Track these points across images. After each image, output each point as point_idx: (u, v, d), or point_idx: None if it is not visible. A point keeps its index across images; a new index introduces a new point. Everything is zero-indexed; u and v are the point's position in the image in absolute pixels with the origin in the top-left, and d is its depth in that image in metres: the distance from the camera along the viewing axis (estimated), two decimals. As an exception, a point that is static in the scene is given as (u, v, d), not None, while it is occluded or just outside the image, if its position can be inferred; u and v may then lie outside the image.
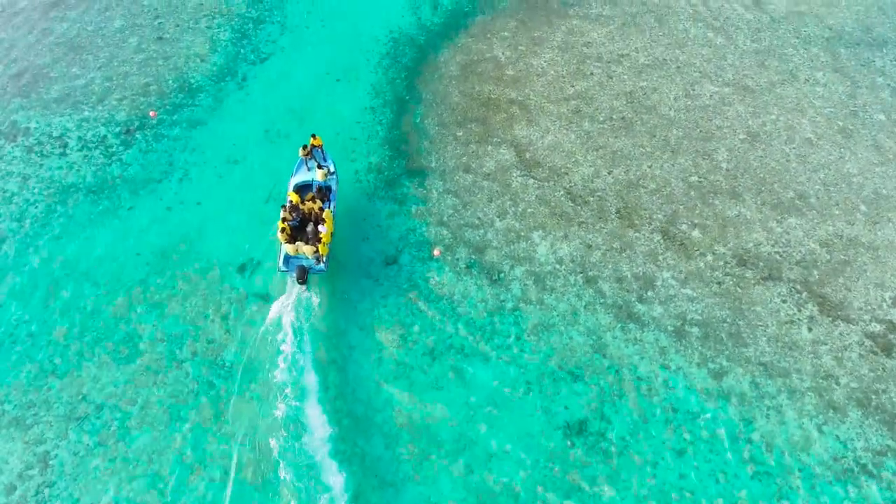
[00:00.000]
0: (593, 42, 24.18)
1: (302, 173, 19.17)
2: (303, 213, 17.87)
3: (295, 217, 17.72)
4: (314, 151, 19.08)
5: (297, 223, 17.81)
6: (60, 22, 25.30)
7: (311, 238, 17.24)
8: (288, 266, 17.25)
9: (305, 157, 18.99)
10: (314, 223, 17.57)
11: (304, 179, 18.95)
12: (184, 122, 22.03)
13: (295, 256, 17.30)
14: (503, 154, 20.58)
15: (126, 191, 20.26)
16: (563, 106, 21.92)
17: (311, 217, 17.86)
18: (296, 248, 17.13)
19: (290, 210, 17.65)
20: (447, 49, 24.38)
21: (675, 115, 21.64)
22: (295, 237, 17.50)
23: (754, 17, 25.38)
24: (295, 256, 17.30)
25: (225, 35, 24.89)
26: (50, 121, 21.91)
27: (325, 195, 18.48)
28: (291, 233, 17.46)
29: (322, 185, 18.61)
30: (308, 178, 18.95)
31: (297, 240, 17.38)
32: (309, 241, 17.18)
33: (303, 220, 17.88)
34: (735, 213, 19.07)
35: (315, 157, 19.15)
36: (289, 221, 17.55)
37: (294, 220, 17.73)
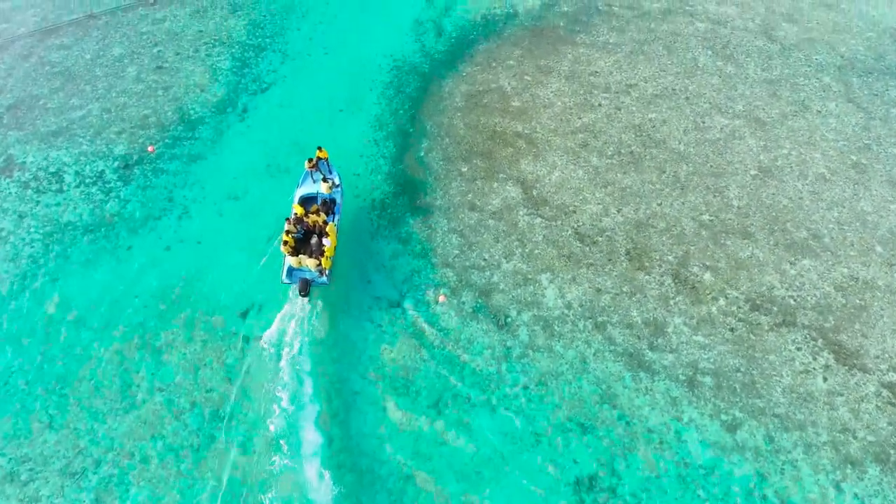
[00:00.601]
0: (601, 71, 23.95)
1: (307, 185, 19.38)
2: (307, 226, 18.13)
3: (299, 229, 18.02)
4: (319, 164, 19.35)
5: (302, 235, 18.12)
6: (58, 50, 25.12)
7: (315, 251, 17.62)
8: (291, 278, 17.55)
9: (311, 170, 19.19)
10: (318, 236, 17.93)
11: (310, 192, 19.17)
12: (183, 156, 21.80)
13: (298, 269, 17.57)
14: (509, 191, 20.33)
15: (124, 229, 20.03)
16: (570, 139, 21.67)
17: (315, 229, 18.12)
18: (299, 260, 17.38)
19: (294, 222, 17.90)
20: (451, 78, 24.15)
21: (685, 149, 21.39)
22: (298, 249, 17.74)
23: (764, 44, 25.13)
24: (298, 269, 17.57)
25: (225, 63, 24.69)
26: (46, 155, 21.69)
27: (329, 207, 18.71)
28: (295, 245, 17.68)
29: (327, 197, 18.88)
30: (313, 191, 19.19)
31: (301, 252, 17.62)
32: (312, 253, 17.53)
33: (307, 233, 18.21)
34: (747, 254, 18.80)
35: (320, 169, 19.40)
36: (293, 234, 17.81)
37: (298, 232, 18.03)
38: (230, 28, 26.05)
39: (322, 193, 18.95)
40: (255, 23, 26.36)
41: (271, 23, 26.46)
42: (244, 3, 27.17)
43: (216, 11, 26.73)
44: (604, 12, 26.55)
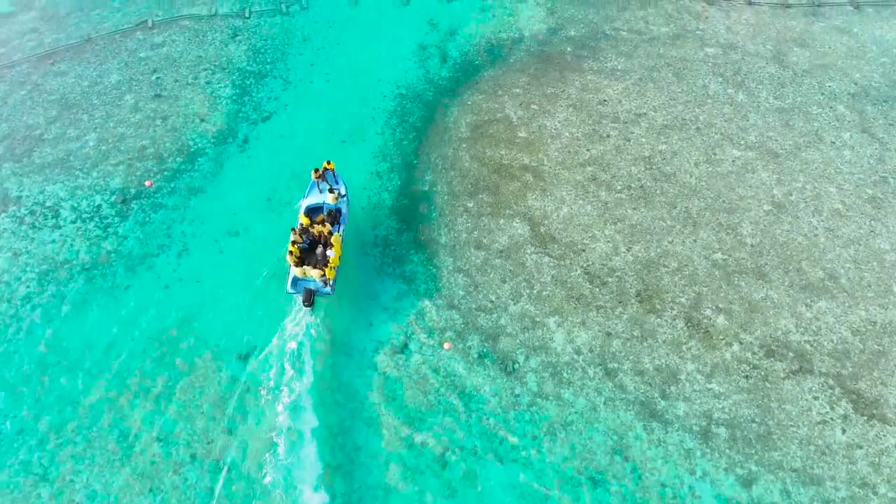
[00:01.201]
0: (609, 99, 23.60)
1: (314, 196, 19.67)
2: (312, 236, 18.40)
3: (305, 239, 18.31)
4: (326, 174, 19.56)
5: (307, 245, 18.40)
6: (55, 77, 24.83)
7: (319, 261, 17.94)
8: (295, 288, 17.91)
9: (317, 180, 19.50)
10: (323, 246, 18.26)
11: (316, 202, 19.47)
12: (182, 190, 21.48)
13: (303, 279, 17.94)
14: (516, 228, 19.99)
15: (122, 267, 19.71)
16: (578, 173, 21.33)
17: (321, 240, 18.43)
18: (303, 270, 17.76)
19: (300, 232, 18.19)
20: (456, 107, 23.82)
21: (696, 183, 21.03)
22: (303, 260, 18.03)
23: (776, 71, 24.77)
24: (303, 279, 17.94)
25: (225, 91, 24.37)
26: (42, 188, 21.39)
27: (335, 218, 18.95)
28: (301, 255, 17.97)
29: (332, 207, 19.08)
30: (319, 201, 19.46)
31: (306, 262, 17.96)
32: (317, 264, 17.81)
33: (312, 243, 18.49)
34: (762, 295, 18.43)
35: (327, 179, 19.61)
36: (298, 244, 18.07)
37: (304, 242, 18.30)
38: (230, 53, 25.74)
39: (328, 204, 19.19)
40: (256, 48, 26.06)
41: (272, 48, 26.15)
42: (244, 27, 26.87)
43: (216, 36, 26.43)
44: (611, 37, 26.21)
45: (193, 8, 27.66)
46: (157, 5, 27.83)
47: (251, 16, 27.43)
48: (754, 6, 27.58)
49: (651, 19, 27.02)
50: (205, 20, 27.10)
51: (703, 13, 27.28)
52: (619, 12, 27.33)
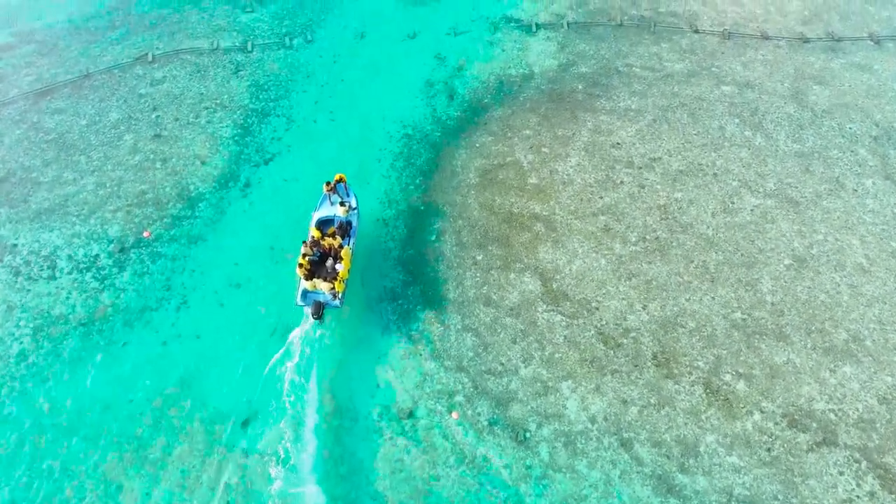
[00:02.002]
0: (622, 142, 23.09)
1: (325, 208, 19.96)
2: (323, 248, 18.65)
3: (315, 251, 18.58)
4: (337, 187, 19.76)
5: (318, 258, 18.66)
6: (52, 115, 24.43)
7: (329, 274, 18.09)
8: (305, 300, 18.21)
9: (329, 193, 19.68)
10: (333, 259, 18.42)
11: (327, 215, 19.77)
12: (182, 238, 21.04)
13: (312, 292, 18.24)
14: (527, 283, 19.48)
15: (119, 322, 19.26)
16: (591, 223, 20.82)
17: (331, 252, 18.64)
18: (313, 283, 18.06)
19: (310, 245, 18.46)
20: (465, 149, 23.34)
21: (714, 234, 20.50)
22: (313, 272, 18.21)
23: (795, 111, 24.24)
24: (312, 292, 18.24)
25: (227, 131, 23.94)
26: (38, 236, 20.96)
27: (345, 230, 19.24)
28: (311, 268, 18.18)
29: (343, 220, 19.38)
30: (330, 214, 19.75)
31: (316, 275, 18.13)
32: (327, 276, 18.00)
33: (322, 255, 18.72)
34: (783, 359, 17.88)
35: (338, 192, 19.82)
36: (309, 256, 18.30)
37: (315, 254, 18.56)
38: (232, 90, 25.31)
39: (339, 216, 19.46)
40: (259, 84, 25.63)
41: (275, 84, 25.71)
42: (247, 62, 26.45)
43: (217, 71, 26.01)
44: (624, 73, 25.71)
45: (195, 41, 27.25)
46: (158, 38, 27.44)
47: (254, 50, 27.01)
48: (771, 41, 27.07)
49: (665, 55, 26.52)
50: (206, 54, 26.69)
51: (719, 49, 26.77)
52: (632, 47, 26.84)
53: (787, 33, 27.44)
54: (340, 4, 29.48)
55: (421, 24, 28.38)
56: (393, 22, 28.57)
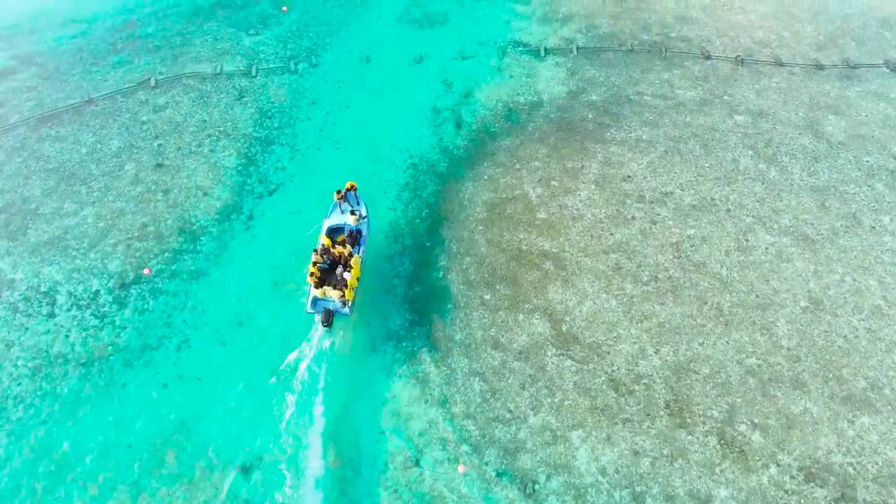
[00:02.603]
0: (634, 175, 22.75)
1: (335, 216, 20.46)
2: (333, 256, 19.03)
3: (326, 259, 18.99)
4: (348, 195, 20.23)
5: (328, 265, 19.03)
6: (53, 142, 24.21)
7: (339, 282, 18.52)
8: (315, 308, 18.60)
9: (339, 201, 20.18)
10: (343, 267, 18.84)
11: (337, 223, 20.26)
12: (184, 274, 20.77)
13: (322, 299, 18.63)
14: (536, 325, 19.13)
15: (119, 362, 18.99)
16: (601, 261, 20.47)
17: (341, 260, 19.01)
18: (323, 291, 18.44)
19: (321, 252, 18.83)
20: (472, 181, 23.03)
21: (728, 274, 20.13)
22: (324, 280, 18.61)
23: (810, 142, 23.86)
24: (322, 299, 18.63)
25: (230, 161, 23.67)
26: (38, 270, 20.72)
27: (355, 239, 19.68)
28: (321, 275, 18.56)
29: (353, 228, 19.84)
30: (340, 222, 20.22)
31: (326, 283, 18.56)
32: (336, 284, 18.42)
33: (333, 263, 19.11)
34: (800, 408, 17.49)
35: (349, 200, 20.29)
36: (319, 264, 18.66)
37: (325, 262, 18.93)
38: (236, 117, 25.05)
39: (349, 225, 19.93)
40: (262, 111, 25.38)
41: (279, 111, 25.47)
42: (251, 87, 26.21)
43: (221, 97, 25.77)
44: (635, 102, 25.37)
45: (198, 65, 27.03)
46: (161, 61, 27.23)
47: (258, 74, 26.77)
48: (786, 68, 26.72)
49: (676, 82, 26.17)
50: (210, 79, 26.46)
51: (732, 75, 26.42)
52: (643, 74, 26.50)
53: (801, 59, 27.07)
54: (346, 27, 29.24)
55: (427, 48, 28.12)
56: (399, 45, 28.32)
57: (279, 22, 29.27)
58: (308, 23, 29.27)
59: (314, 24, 29.27)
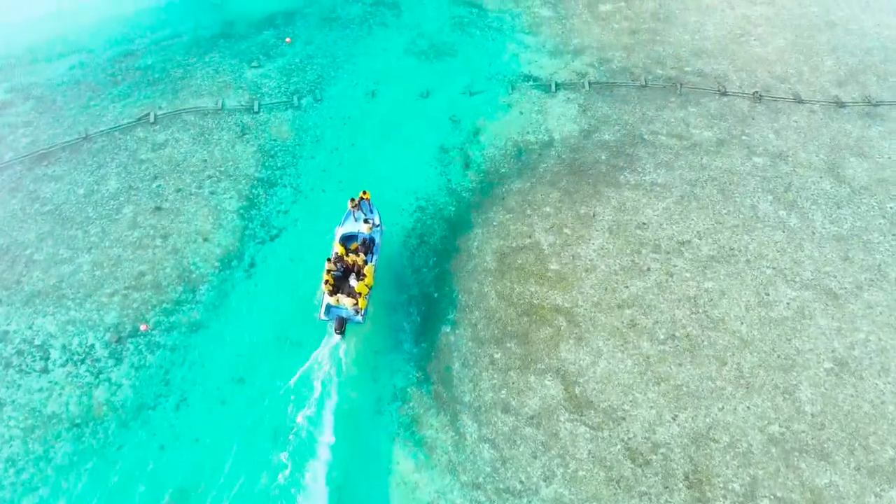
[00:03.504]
0: (649, 223, 22.16)
1: (349, 224, 20.88)
2: (346, 265, 19.59)
3: (339, 267, 19.51)
4: (361, 203, 20.70)
5: (341, 273, 19.60)
6: (48, 182, 23.73)
7: (352, 290, 19.09)
8: (328, 315, 19.16)
9: (353, 209, 20.64)
10: (356, 275, 19.37)
11: (351, 231, 20.71)
12: (182, 326, 20.25)
13: (336, 307, 19.11)
14: (549, 388, 18.55)
15: (115, 422, 18.45)
16: (616, 316, 19.88)
17: (354, 268, 19.58)
18: (336, 299, 18.91)
19: (334, 261, 19.38)
20: (481, 227, 22.47)
21: (748, 331, 19.52)
22: (338, 287, 19.19)
23: (831, 187, 23.25)
24: (336, 307, 19.11)
25: (231, 204, 23.16)
26: (32, 322, 20.21)
27: (368, 247, 20.23)
28: (335, 283, 19.12)
29: (367, 237, 20.40)
30: (354, 230, 20.70)
31: (339, 290, 19.15)
32: (350, 292, 19.03)
33: (346, 271, 19.68)
34: (825, 481, 16.87)
35: (362, 208, 20.75)
36: (332, 272, 19.16)
37: (338, 269, 19.44)
38: (237, 156, 24.55)
39: (362, 233, 20.47)
40: (265, 149, 24.88)
41: (282, 149, 24.96)
42: (253, 124, 25.71)
43: (222, 134, 25.27)
44: (649, 142, 24.79)
45: (199, 100, 26.54)
46: (161, 96, 26.76)
47: (260, 110, 26.27)
48: (805, 105, 26.13)
49: (692, 121, 25.60)
50: (211, 115, 25.98)
51: (750, 114, 25.83)
52: (658, 112, 25.93)
53: (821, 96, 26.48)
54: (351, 58, 28.75)
55: (434, 82, 27.61)
56: (405, 79, 27.81)
57: (282, 53, 28.79)
58: (312, 54, 28.78)
59: (318, 55, 28.78)
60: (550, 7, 30.84)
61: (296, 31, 30.13)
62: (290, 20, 30.57)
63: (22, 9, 30.31)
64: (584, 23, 30.08)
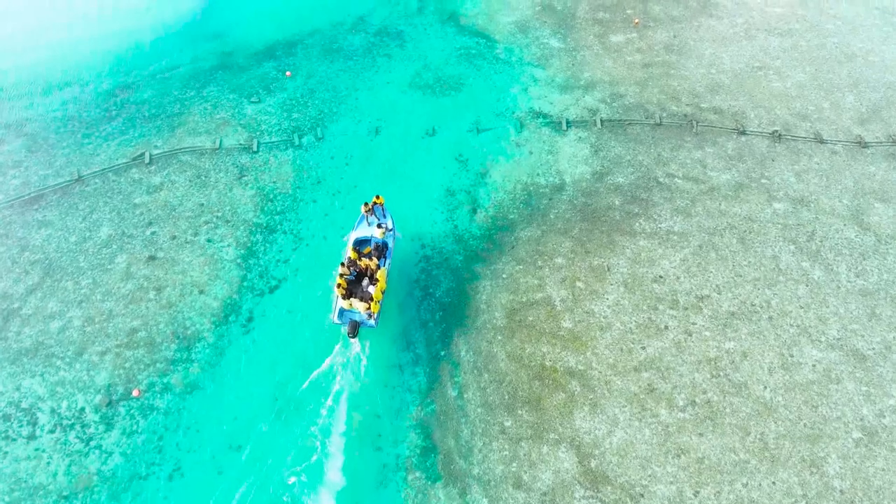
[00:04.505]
0: (666, 276, 21.34)
1: (362, 229, 21.19)
2: (359, 268, 19.86)
3: (352, 271, 19.80)
4: (375, 208, 20.92)
5: (354, 277, 19.85)
6: (39, 228, 22.98)
7: (365, 294, 19.39)
8: (342, 319, 19.42)
9: (366, 214, 20.94)
10: (369, 279, 19.72)
11: (364, 235, 21.01)
12: (176, 388, 19.47)
13: (349, 311, 19.44)
14: (562, 460, 17.73)
15: (105, 494, 17.69)
16: (632, 380, 19.05)
17: (367, 272, 19.88)
18: (350, 303, 19.21)
19: (348, 265, 19.67)
20: (489, 280, 21.66)
21: (772, 397, 18.68)
22: (351, 291, 19.44)
23: (856, 235, 22.41)
24: (349, 311, 19.44)
25: (229, 252, 22.38)
26: (19, 383, 19.45)
27: (381, 252, 20.54)
28: (348, 287, 19.34)
29: (380, 242, 20.70)
30: (367, 234, 20.98)
31: (352, 294, 19.39)
32: (363, 296, 19.26)
33: (359, 275, 19.92)
34: (857, 567, 16.01)
35: (375, 213, 21.01)
36: (346, 276, 19.41)
37: (351, 273, 19.74)
38: (235, 200, 23.78)
39: (375, 238, 20.76)
40: (264, 192, 24.11)
41: (282, 193, 24.19)
42: (252, 164, 24.96)
43: (220, 176, 24.52)
44: (665, 186, 23.98)
45: (196, 138, 25.80)
46: (157, 133, 26.03)
47: (259, 149, 25.52)
48: (827, 145, 25.31)
49: (709, 162, 24.78)
50: (208, 155, 25.22)
51: (769, 154, 25.01)
52: (673, 152, 25.13)
53: (843, 135, 25.67)
54: (353, 92, 28.02)
55: (440, 119, 26.85)
56: (410, 115, 27.05)
57: (283, 87, 28.05)
58: (314, 88, 28.03)
59: (320, 89, 28.02)
60: (560, 38, 30.05)
61: (297, 62, 29.39)
62: (291, 51, 29.84)
63: (15, 40, 29.61)
64: (595, 55, 29.29)
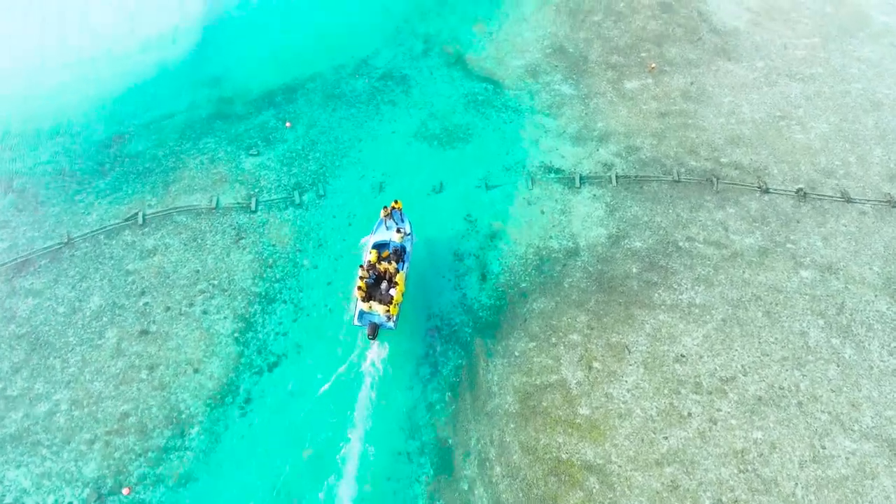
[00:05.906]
0: (688, 354, 20.35)
1: (381, 233, 21.83)
2: (378, 272, 20.37)
3: (371, 274, 20.34)
4: (393, 213, 21.64)
5: (373, 280, 20.38)
6: (26, 297, 22.07)
7: (384, 297, 19.86)
8: (361, 321, 19.96)
9: (385, 218, 21.67)
10: (388, 282, 20.21)
11: (383, 239, 21.61)
12: (168, 479, 18.56)
13: (368, 313, 19.99)
14: (581, 569, 16.72)
15: None
16: (655, 476, 18.05)
17: (386, 276, 20.35)
18: (369, 305, 19.84)
19: (367, 268, 20.27)
20: (501, 357, 20.69)
21: (803, 495, 17.67)
22: (370, 294, 19.98)
23: (888, 307, 21.40)
24: (368, 313, 19.99)
25: (225, 326, 21.45)
26: (3, 474, 18.52)
27: (399, 255, 21.07)
28: (367, 290, 19.93)
29: (398, 246, 21.37)
30: (386, 238, 21.60)
31: (372, 297, 19.91)
32: (382, 299, 19.76)
33: (378, 278, 20.46)
34: None
35: (394, 218, 21.72)
36: (365, 279, 19.99)
37: (370, 277, 20.27)
38: (232, 266, 22.85)
39: (394, 242, 21.42)
40: (262, 257, 23.18)
41: (281, 257, 23.26)
42: (250, 225, 24.05)
43: (216, 239, 23.60)
44: (685, 251, 23.00)
45: (192, 196, 24.89)
46: (151, 190, 25.13)
47: (258, 208, 24.60)
48: (854, 205, 24.30)
49: (731, 224, 23.79)
50: (204, 215, 24.31)
51: (794, 215, 24.02)
52: (692, 213, 24.14)
53: (871, 194, 24.67)
54: (356, 144, 27.10)
55: (448, 173, 25.92)
56: (416, 169, 26.12)
57: (283, 138, 27.14)
58: (315, 139, 27.11)
59: (321, 140, 27.11)
60: (572, 84, 29.11)
61: (297, 109, 28.48)
62: (292, 97, 28.94)
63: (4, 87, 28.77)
64: (608, 102, 28.34)
